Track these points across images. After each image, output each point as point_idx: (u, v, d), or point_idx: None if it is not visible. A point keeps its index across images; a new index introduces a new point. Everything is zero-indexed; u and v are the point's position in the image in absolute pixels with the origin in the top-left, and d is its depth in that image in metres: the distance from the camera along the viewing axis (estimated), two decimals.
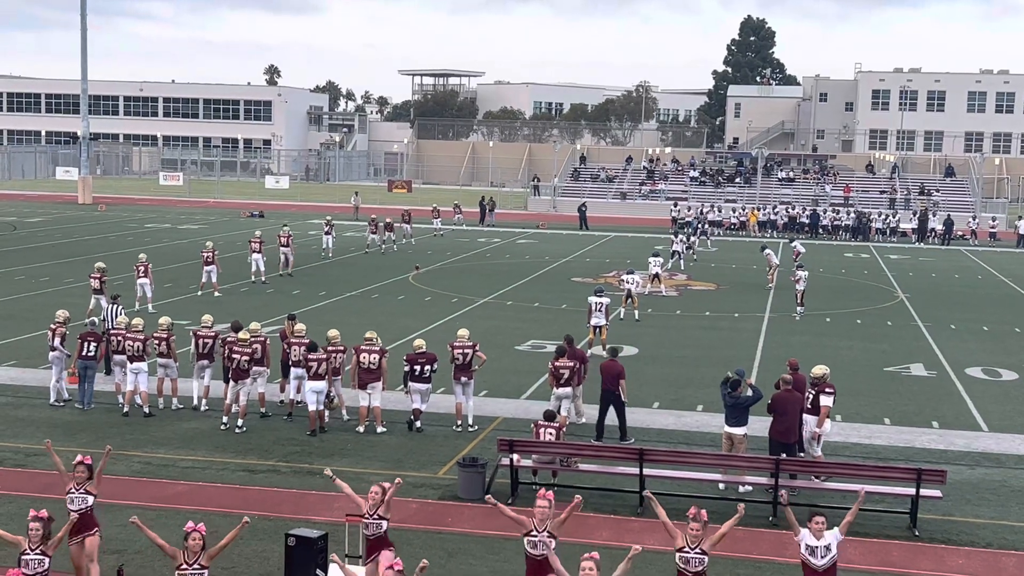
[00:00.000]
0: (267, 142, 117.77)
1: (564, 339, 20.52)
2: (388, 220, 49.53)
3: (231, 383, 19.64)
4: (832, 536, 11.26)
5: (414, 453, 18.36)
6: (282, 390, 21.15)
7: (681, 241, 46.33)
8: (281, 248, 39.32)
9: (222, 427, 19.45)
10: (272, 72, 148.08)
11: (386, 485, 11.90)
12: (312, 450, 18.41)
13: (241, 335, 20.04)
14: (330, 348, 19.68)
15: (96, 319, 23.08)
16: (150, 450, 18.23)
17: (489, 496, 12.00)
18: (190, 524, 10.58)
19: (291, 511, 15.44)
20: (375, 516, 11.72)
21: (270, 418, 20.16)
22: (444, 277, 40.31)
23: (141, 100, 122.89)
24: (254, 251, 37.11)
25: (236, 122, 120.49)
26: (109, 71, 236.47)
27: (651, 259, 37.79)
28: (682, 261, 45.45)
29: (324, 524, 14.13)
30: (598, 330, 26.59)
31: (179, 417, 20.28)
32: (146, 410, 20.24)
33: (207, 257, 34.27)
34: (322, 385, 19.27)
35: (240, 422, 19.42)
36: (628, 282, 31.91)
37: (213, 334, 20.83)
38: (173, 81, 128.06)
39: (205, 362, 20.70)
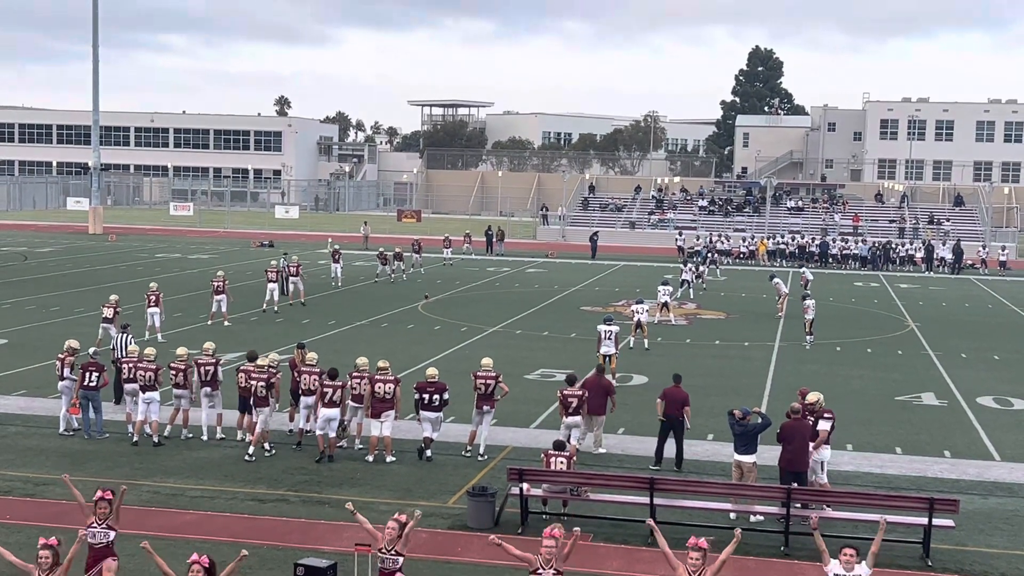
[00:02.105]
0: (277, 172, 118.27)
1: (595, 369, 21.00)
2: (397, 250, 49.65)
3: (254, 411, 19.71)
4: (863, 570, 11.13)
5: (423, 482, 18.30)
6: (291, 419, 21.12)
7: (690, 270, 46.33)
8: (291, 278, 39.46)
9: (247, 458, 19.40)
10: (282, 103, 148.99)
11: (403, 519, 11.78)
12: (321, 479, 18.36)
13: (259, 361, 20.08)
14: (355, 375, 19.68)
15: (96, 349, 23.05)
16: (159, 479, 18.20)
17: (493, 537, 11.78)
18: (194, 556, 10.45)
19: (300, 540, 15.38)
20: (391, 552, 11.63)
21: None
22: (453, 306, 40.32)
23: (152, 131, 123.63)
24: (270, 280, 37.35)
25: (246, 152, 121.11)
26: (124, 103, 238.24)
27: (660, 288, 37.75)
28: (691, 290, 45.43)
29: (333, 554, 14.08)
30: (608, 359, 26.57)
31: (188, 446, 20.25)
32: (155, 439, 20.21)
33: (217, 286, 34.35)
34: (335, 412, 19.25)
35: (251, 450, 19.42)
36: (638, 311, 31.85)
37: (214, 361, 20.86)
38: (184, 112, 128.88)
39: (208, 389, 20.72)
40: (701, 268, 49.94)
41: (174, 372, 20.58)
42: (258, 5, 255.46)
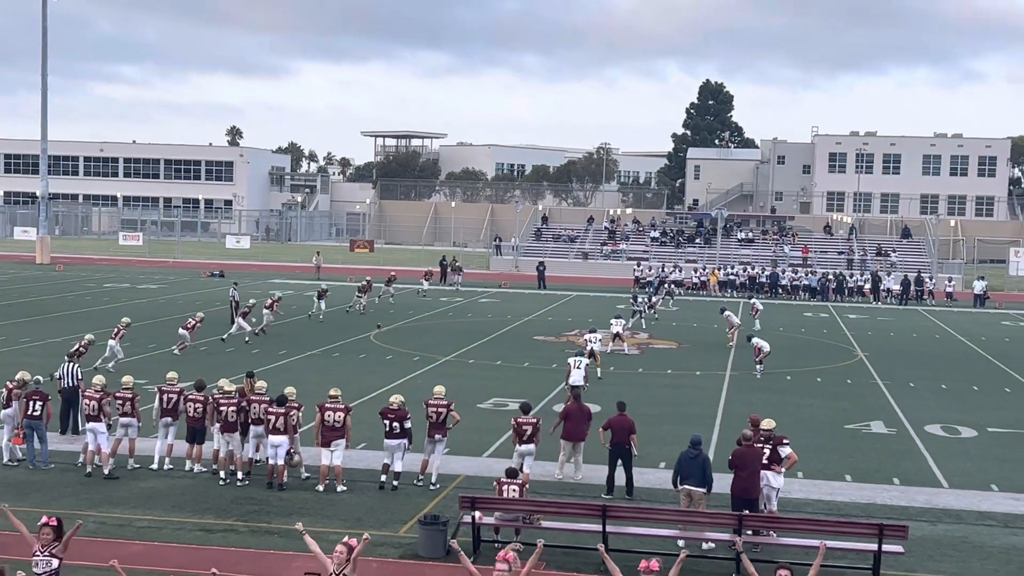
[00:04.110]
0: (228, 202, 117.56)
1: (572, 397, 21.57)
2: (367, 279, 49.46)
3: (222, 436, 19.66)
4: None
5: (375, 511, 18.15)
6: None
7: (643, 301, 46.60)
8: (264, 310, 39.55)
9: (221, 483, 19.37)
10: (234, 133, 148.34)
11: (352, 542, 11.66)
12: (271, 509, 18.16)
13: (226, 387, 20.06)
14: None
15: (40, 377, 22.69)
16: (105, 510, 17.90)
17: (453, 542, 11.88)
18: None
19: (249, 571, 15.17)
20: (341, 575, 11.50)
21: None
22: (406, 336, 40.18)
23: (101, 160, 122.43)
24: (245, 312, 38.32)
25: (197, 182, 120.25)
26: (75, 132, 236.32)
27: (613, 320, 37.91)
28: (643, 320, 45.68)
29: None
30: (576, 388, 26.60)
31: (135, 476, 19.96)
32: (105, 471, 19.88)
33: (188, 323, 34.68)
34: (280, 439, 19.15)
35: (240, 475, 19.46)
36: (591, 340, 32.02)
37: (178, 391, 20.68)
38: (134, 141, 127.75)
39: (168, 419, 20.53)
40: (654, 298, 50.33)
41: (120, 401, 20.33)
42: (213, 36, 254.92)
